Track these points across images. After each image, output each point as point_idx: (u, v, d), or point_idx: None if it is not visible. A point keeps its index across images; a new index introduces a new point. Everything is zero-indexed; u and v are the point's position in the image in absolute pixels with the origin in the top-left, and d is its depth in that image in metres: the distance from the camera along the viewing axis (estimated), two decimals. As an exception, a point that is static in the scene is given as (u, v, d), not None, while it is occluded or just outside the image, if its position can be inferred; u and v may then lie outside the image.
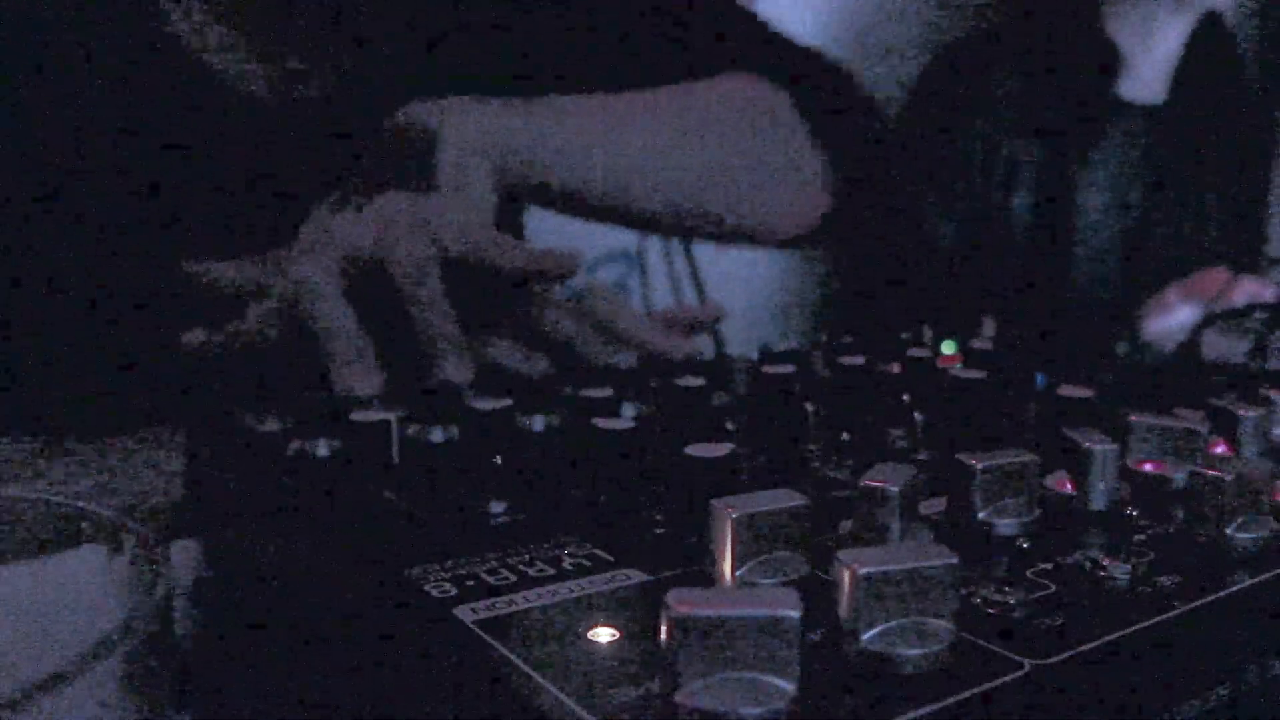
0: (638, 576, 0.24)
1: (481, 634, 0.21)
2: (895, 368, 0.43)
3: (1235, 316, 0.56)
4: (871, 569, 0.19)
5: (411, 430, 0.35)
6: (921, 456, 0.33)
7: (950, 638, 0.19)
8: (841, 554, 0.19)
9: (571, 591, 0.23)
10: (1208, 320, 0.57)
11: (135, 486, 0.37)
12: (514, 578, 0.23)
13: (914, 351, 0.44)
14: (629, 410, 0.38)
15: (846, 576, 0.19)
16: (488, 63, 0.53)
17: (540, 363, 0.43)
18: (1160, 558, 0.25)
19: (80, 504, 0.19)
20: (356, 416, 0.30)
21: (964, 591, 0.22)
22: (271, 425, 0.34)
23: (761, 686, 0.17)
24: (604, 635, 0.20)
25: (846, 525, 0.25)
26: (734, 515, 0.22)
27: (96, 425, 0.44)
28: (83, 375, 0.53)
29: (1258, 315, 0.54)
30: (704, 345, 0.50)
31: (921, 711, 0.18)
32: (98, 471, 0.39)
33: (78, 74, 0.54)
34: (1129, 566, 0.24)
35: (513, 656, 0.20)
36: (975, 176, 1.22)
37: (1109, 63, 1.23)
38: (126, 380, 0.52)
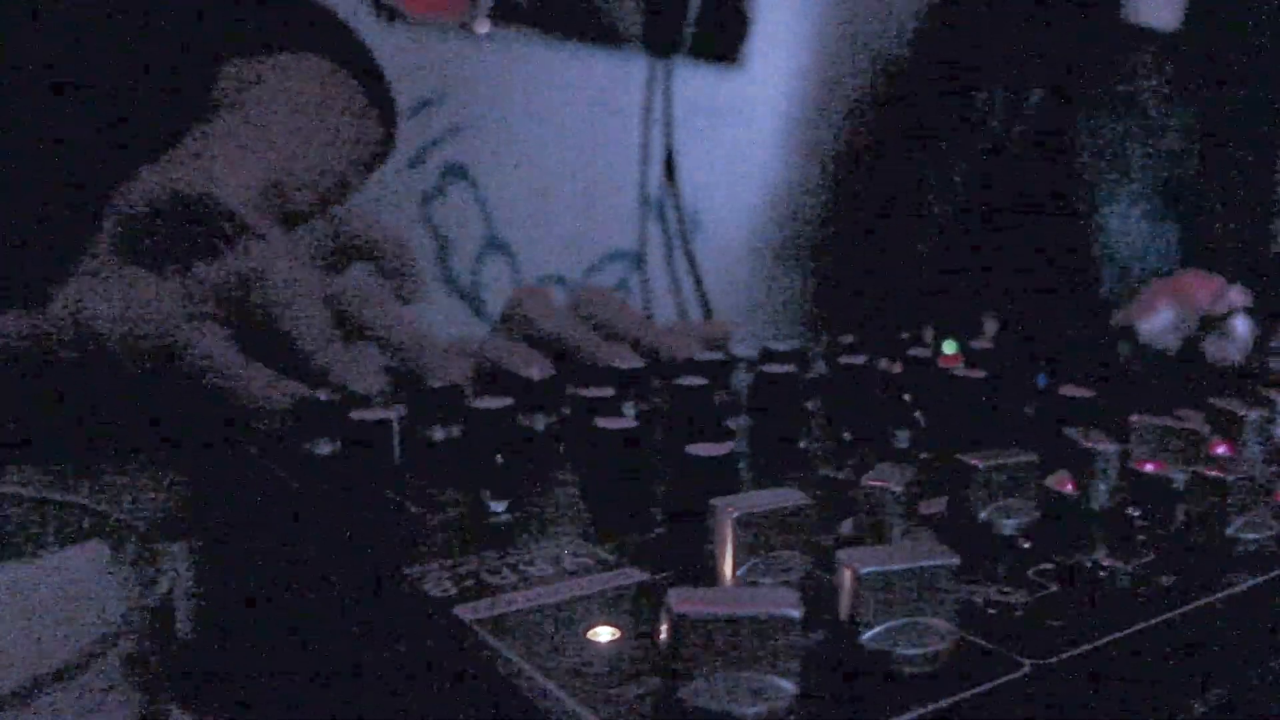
0: (638, 576, 0.24)
1: (481, 634, 0.21)
2: (895, 368, 0.43)
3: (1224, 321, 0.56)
4: (872, 568, 0.19)
5: (412, 430, 0.35)
6: (922, 456, 0.33)
7: (951, 637, 0.19)
8: (842, 554, 0.19)
9: (571, 591, 0.23)
10: (1205, 324, 0.57)
11: (136, 485, 0.37)
12: (514, 578, 0.23)
13: (914, 351, 0.44)
14: (629, 410, 0.38)
15: (847, 576, 0.19)
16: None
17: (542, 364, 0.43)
18: (1160, 558, 0.25)
19: (80, 502, 0.19)
20: (357, 416, 0.30)
21: (964, 591, 0.23)
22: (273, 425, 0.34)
23: (762, 686, 0.17)
24: (604, 635, 0.20)
25: (846, 525, 0.25)
26: (734, 515, 0.22)
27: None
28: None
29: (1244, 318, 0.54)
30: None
31: (921, 711, 0.18)
32: (98, 471, 0.39)
33: None
34: (1129, 566, 0.24)
35: (513, 656, 0.20)
36: (978, 173, 1.21)
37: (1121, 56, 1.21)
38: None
